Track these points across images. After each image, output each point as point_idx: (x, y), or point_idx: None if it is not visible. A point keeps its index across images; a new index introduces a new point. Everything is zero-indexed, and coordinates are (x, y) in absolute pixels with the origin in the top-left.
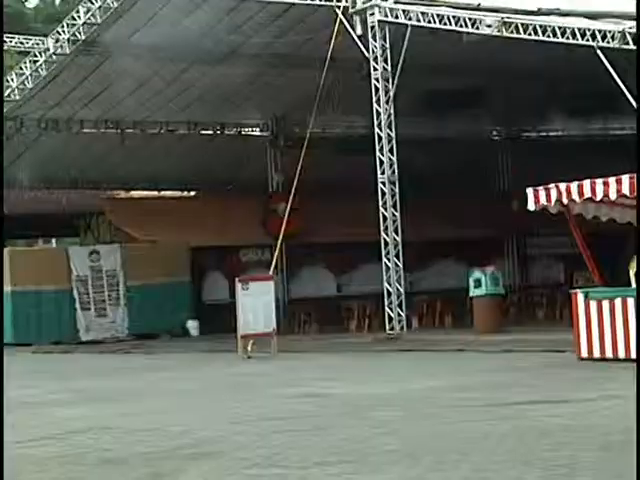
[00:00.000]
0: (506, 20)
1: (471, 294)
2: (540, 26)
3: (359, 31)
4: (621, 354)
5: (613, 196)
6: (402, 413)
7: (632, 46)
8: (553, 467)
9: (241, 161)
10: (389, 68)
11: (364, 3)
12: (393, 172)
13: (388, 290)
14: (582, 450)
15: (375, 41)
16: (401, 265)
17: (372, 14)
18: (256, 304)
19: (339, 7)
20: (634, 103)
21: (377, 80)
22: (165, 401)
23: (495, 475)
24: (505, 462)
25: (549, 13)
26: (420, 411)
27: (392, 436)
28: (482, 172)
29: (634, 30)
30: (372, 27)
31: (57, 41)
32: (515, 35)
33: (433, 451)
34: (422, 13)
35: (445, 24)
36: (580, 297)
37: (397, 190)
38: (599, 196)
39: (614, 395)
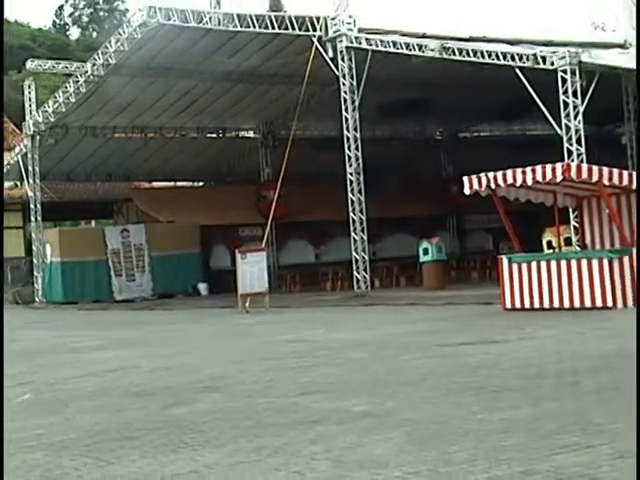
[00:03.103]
0: (445, 45)
1: (421, 260)
2: (472, 50)
3: (330, 55)
4: (536, 305)
5: (529, 182)
6: (368, 354)
7: (542, 65)
8: (484, 393)
9: (239, 158)
10: (354, 83)
11: (334, 33)
12: (358, 165)
13: (356, 258)
14: (507, 379)
15: (343, 62)
16: (365, 238)
17: (341, 41)
18: (252, 270)
19: (315, 36)
20: (544, 110)
21: (345, 93)
22: (180, 346)
23: (439, 401)
24: (447, 390)
25: (478, 40)
26: (382, 352)
27: (360, 372)
28: (428, 164)
29: (543, 53)
30: (341, 52)
31: (94, 65)
32: (453, 57)
33: (391, 384)
34: (380, 40)
35: (398, 48)
36: (505, 261)
37: (362, 179)
38: (519, 182)
39: (531, 336)
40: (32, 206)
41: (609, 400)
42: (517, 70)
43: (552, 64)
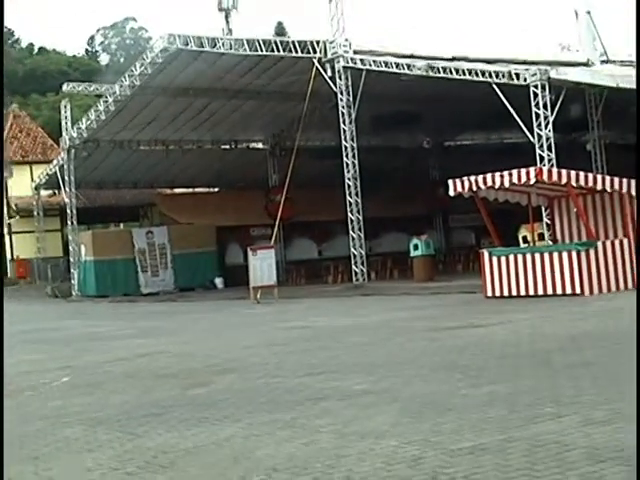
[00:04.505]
0: (431, 64)
1: (411, 255)
2: (455, 68)
3: (329, 74)
4: (514, 293)
5: (507, 184)
6: (366, 338)
7: (516, 81)
8: (468, 371)
9: (249, 166)
10: (351, 99)
11: (332, 54)
12: (355, 171)
13: (354, 253)
14: (488, 358)
15: (341, 80)
16: (362, 236)
17: (338, 62)
18: (262, 265)
19: (315, 58)
20: (519, 120)
21: (343, 107)
22: (199, 333)
23: (430, 378)
24: (436, 369)
25: (460, 59)
26: (378, 336)
27: (361, 354)
28: (418, 170)
29: (518, 71)
30: (338, 71)
31: (121, 86)
32: (438, 75)
33: (387, 363)
34: (373, 61)
35: (389, 67)
36: (486, 254)
37: (358, 183)
38: (497, 184)
39: (509, 320)
40: (68, 211)
41: (578, 376)
42: (494, 86)
43: (525, 80)
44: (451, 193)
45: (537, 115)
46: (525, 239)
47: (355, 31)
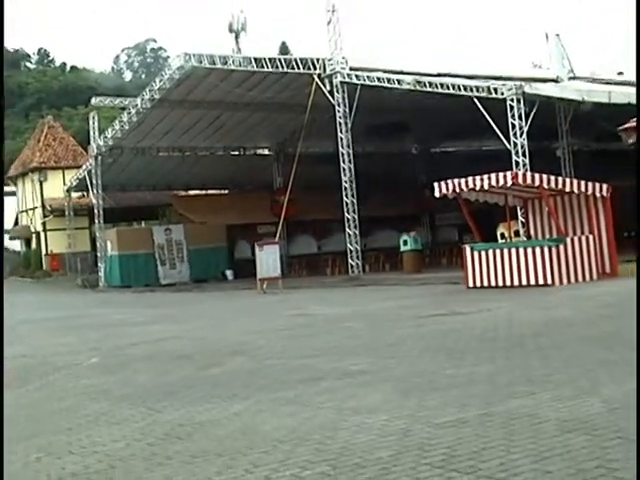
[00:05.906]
0: (418, 79)
1: (401, 249)
2: (439, 83)
3: (328, 88)
4: (492, 283)
5: (486, 187)
6: (362, 324)
7: (494, 95)
8: (452, 353)
9: (256, 170)
10: (347, 110)
11: (331, 71)
12: (351, 175)
13: (350, 248)
14: (469, 342)
15: (338, 94)
16: (357, 233)
17: (336, 77)
18: (268, 259)
19: (315, 74)
20: (497, 130)
21: (340, 118)
22: (212, 320)
23: (418, 360)
24: (424, 351)
25: (444, 75)
26: (373, 323)
27: (356, 339)
28: (407, 174)
29: (496, 86)
30: (336, 86)
31: (142, 100)
32: (424, 89)
33: (380, 347)
34: (367, 76)
35: (382, 82)
36: (468, 249)
37: (354, 186)
38: (478, 187)
39: (488, 308)
40: (96, 211)
41: (549, 357)
42: (475, 99)
43: (502, 94)
44: (437, 194)
45: (513, 125)
46: (503, 235)
47: (350, 47)
